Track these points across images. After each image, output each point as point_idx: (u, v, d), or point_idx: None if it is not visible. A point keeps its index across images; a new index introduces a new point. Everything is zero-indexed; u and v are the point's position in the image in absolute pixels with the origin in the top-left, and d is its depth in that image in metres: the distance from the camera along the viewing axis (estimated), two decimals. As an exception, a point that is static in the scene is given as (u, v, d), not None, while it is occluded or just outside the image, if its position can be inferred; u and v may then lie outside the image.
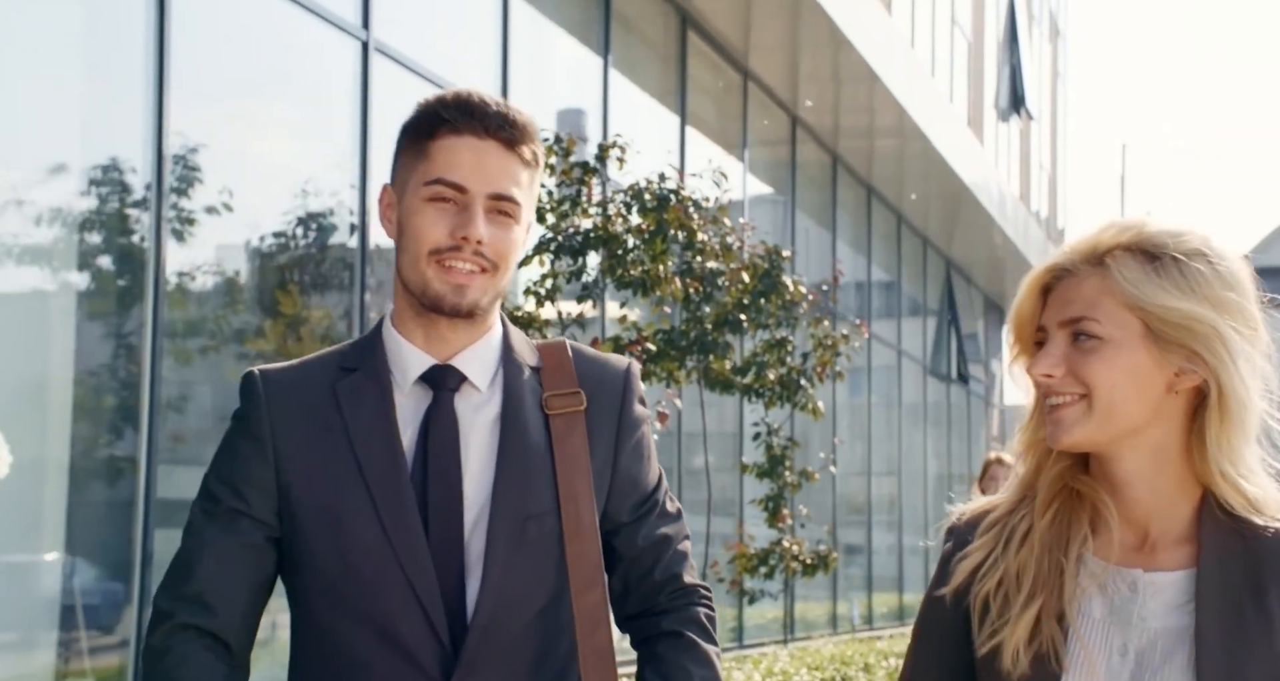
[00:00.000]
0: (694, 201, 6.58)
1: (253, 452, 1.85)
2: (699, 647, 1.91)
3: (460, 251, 1.80)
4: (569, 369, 1.91)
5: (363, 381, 1.86)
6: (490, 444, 1.85)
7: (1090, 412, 1.62)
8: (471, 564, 1.81)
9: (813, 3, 10.22)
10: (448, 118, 1.82)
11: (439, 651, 1.79)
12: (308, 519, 1.82)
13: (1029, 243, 18.89)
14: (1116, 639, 1.64)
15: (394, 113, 6.89)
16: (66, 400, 5.20)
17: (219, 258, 6.03)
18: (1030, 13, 21.24)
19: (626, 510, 1.92)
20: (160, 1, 5.40)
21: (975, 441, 19.80)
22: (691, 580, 1.97)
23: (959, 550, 1.73)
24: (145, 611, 5.31)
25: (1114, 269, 1.63)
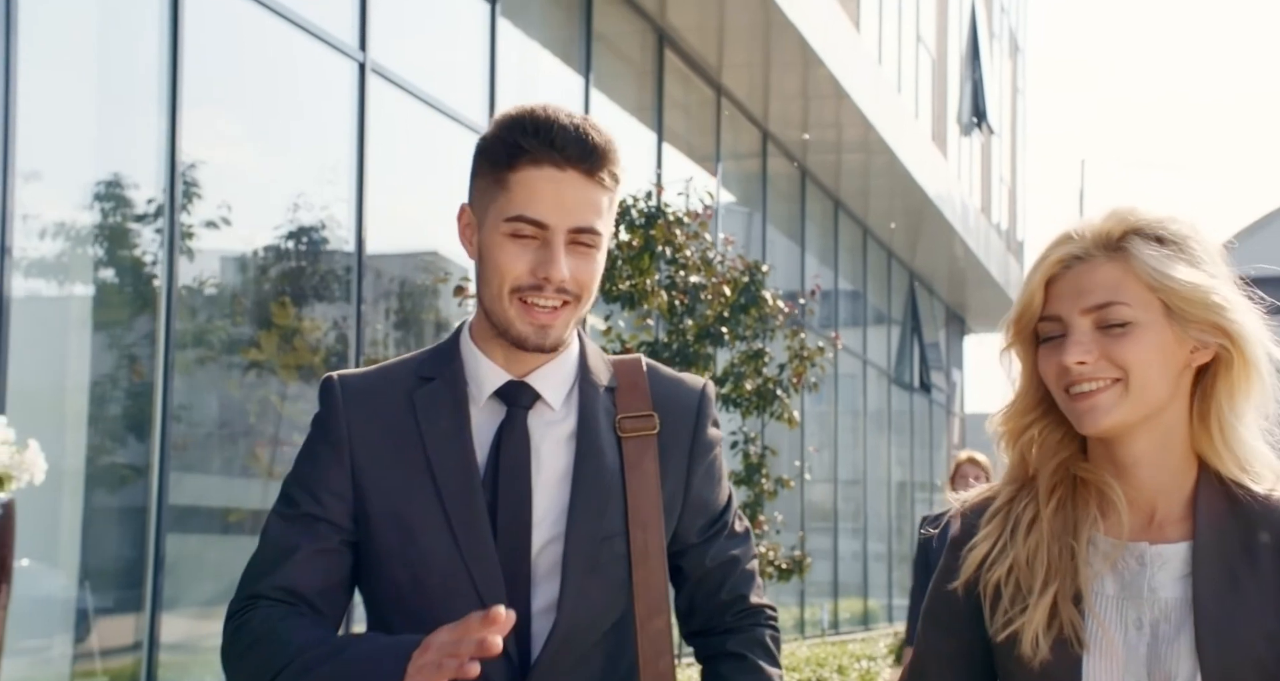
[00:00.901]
0: (679, 218, 6.82)
1: (330, 457, 1.84)
2: (762, 671, 1.91)
3: (542, 290, 1.78)
4: (644, 390, 1.90)
5: (440, 391, 1.85)
6: (564, 463, 1.84)
7: (1127, 395, 1.64)
8: (539, 580, 1.82)
9: (784, 22, 10.48)
10: (527, 148, 1.78)
11: (507, 665, 1.79)
12: (380, 524, 1.82)
13: (990, 255, 19.24)
14: (1131, 613, 1.67)
15: (389, 130, 7.13)
16: (82, 409, 5.39)
17: (224, 271, 6.23)
18: (991, 29, 21.64)
19: (696, 531, 1.92)
20: (174, 24, 5.60)
21: (937, 449, 20.13)
22: (758, 600, 1.97)
23: (966, 537, 1.76)
24: (158, 615, 5.50)
25: (1133, 252, 1.65)
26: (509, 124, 1.81)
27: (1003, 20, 23.37)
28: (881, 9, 15.63)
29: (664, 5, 10.09)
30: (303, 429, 6.23)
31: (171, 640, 5.67)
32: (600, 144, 1.80)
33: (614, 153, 1.82)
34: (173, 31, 5.60)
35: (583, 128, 1.80)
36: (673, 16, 10.29)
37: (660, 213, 6.69)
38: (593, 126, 1.82)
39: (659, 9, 10.14)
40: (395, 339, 7.40)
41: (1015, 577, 1.69)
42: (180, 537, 5.69)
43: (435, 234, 7.80)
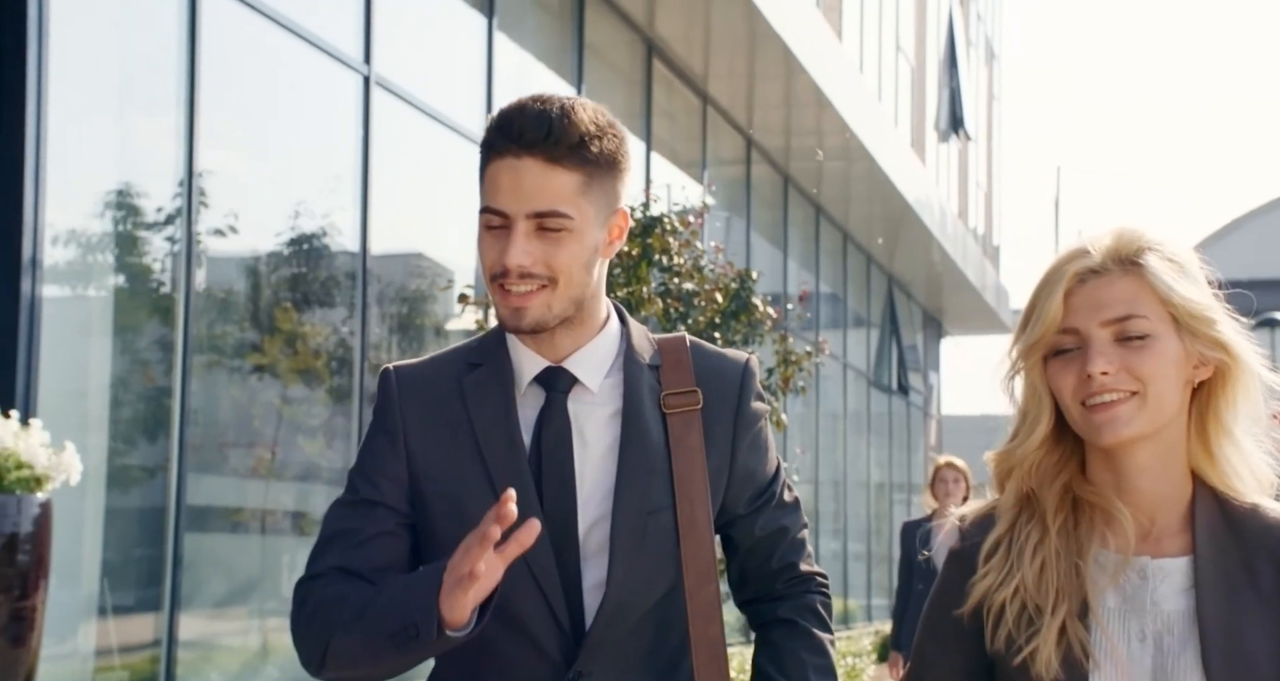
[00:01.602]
0: (673, 227, 7.04)
1: (387, 444, 1.91)
2: (813, 636, 1.97)
3: (509, 276, 1.83)
4: (687, 366, 1.93)
5: (487, 377, 1.91)
6: (610, 441, 1.89)
7: (1145, 407, 1.66)
8: (589, 555, 1.87)
9: (768, 32, 10.71)
10: (491, 141, 1.84)
11: (561, 637, 1.86)
12: (435, 506, 1.88)
13: (967, 260, 19.52)
14: (1134, 626, 1.69)
15: (392, 141, 7.31)
16: (103, 412, 5.57)
17: (235, 278, 6.43)
18: (968, 38, 21.94)
19: (744, 502, 1.96)
20: (191, 39, 5.79)
21: (915, 451, 20.39)
22: (808, 568, 2.02)
23: (966, 550, 1.77)
24: (176, 613, 5.69)
25: (1148, 267, 1.68)
26: (489, 122, 1.87)
27: (979, 28, 23.69)
28: (863, 18, 15.90)
29: (653, 16, 10.31)
30: (310, 431, 6.45)
31: (190, 637, 5.86)
32: (562, 126, 1.80)
33: (584, 133, 1.81)
34: (190, 46, 5.79)
35: (548, 113, 1.81)
36: (661, 27, 10.51)
37: (657, 222, 6.91)
38: (565, 110, 1.82)
39: (648, 20, 10.36)
40: (399, 343, 7.60)
41: (1020, 598, 1.70)
42: (197, 536, 5.88)
43: (437, 240, 8.01)
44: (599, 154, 1.83)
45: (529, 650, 1.85)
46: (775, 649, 1.95)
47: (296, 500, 6.73)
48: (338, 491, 1.98)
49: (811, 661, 1.94)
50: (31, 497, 4.33)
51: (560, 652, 1.85)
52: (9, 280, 4.89)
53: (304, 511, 6.75)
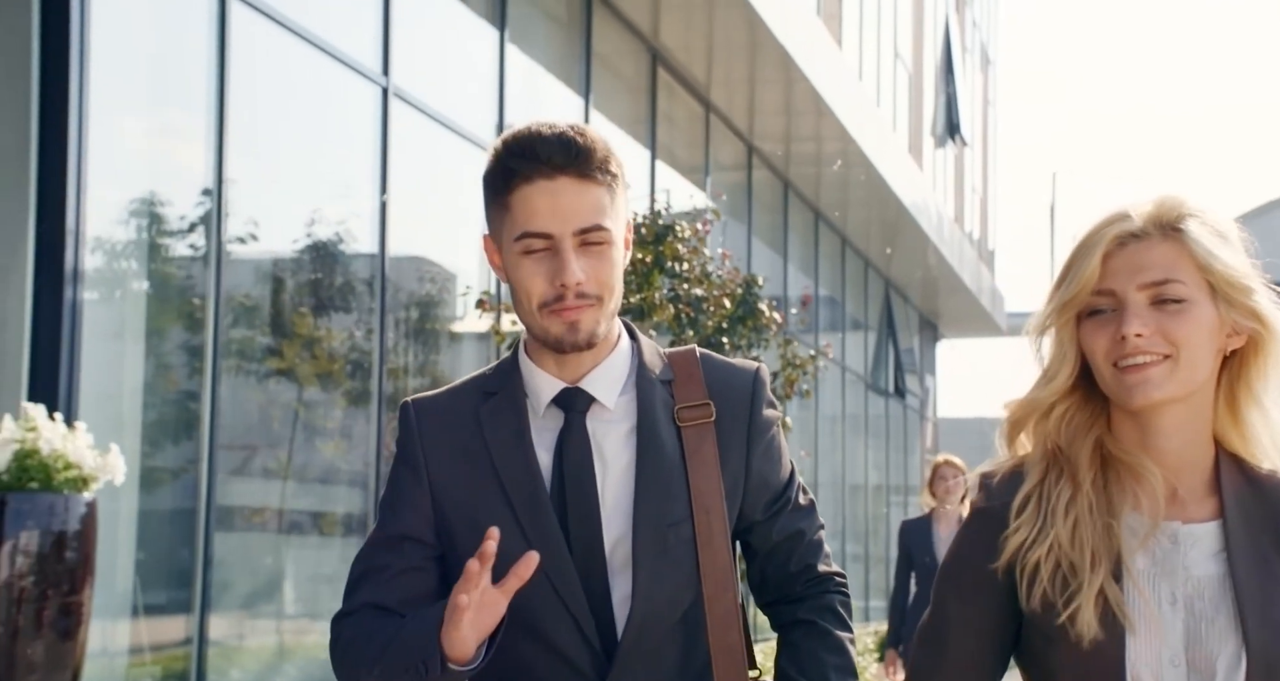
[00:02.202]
0: (684, 236, 7.24)
1: (410, 478, 1.95)
2: (832, 635, 1.99)
3: (564, 299, 1.85)
4: (699, 380, 1.96)
5: (502, 405, 1.95)
6: (627, 457, 1.92)
7: (1176, 370, 1.68)
8: (615, 571, 1.90)
9: (770, 40, 10.88)
10: (515, 168, 1.85)
11: (592, 654, 1.88)
12: (459, 536, 1.91)
13: (963, 263, 19.72)
14: (1164, 589, 1.70)
15: (409, 150, 7.50)
16: (136, 415, 5.76)
17: (260, 284, 6.61)
18: (964, 44, 22.17)
19: (760, 508, 1.99)
20: (221, 53, 5.98)
21: (911, 453, 20.58)
22: (826, 568, 2.03)
23: (993, 507, 1.78)
24: (207, 612, 5.87)
25: (1188, 233, 1.70)
26: (499, 151, 1.89)
27: (975, 35, 23.92)
28: (862, 26, 16.11)
29: (657, 25, 10.51)
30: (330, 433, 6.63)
31: (220, 635, 6.04)
32: (585, 145, 1.85)
33: (601, 151, 1.87)
34: (220, 60, 5.97)
35: (565, 134, 1.86)
36: (665, 36, 10.71)
37: (669, 231, 7.10)
38: (577, 131, 1.87)
39: (652, 29, 10.55)
40: (415, 347, 7.79)
41: (1055, 556, 1.72)
42: (226, 535, 6.06)
43: (453, 248, 8.20)
44: (616, 170, 1.89)
45: (562, 668, 1.88)
46: (796, 649, 1.98)
47: (319, 501, 6.91)
48: (358, 492, 2.12)
49: (831, 661, 1.96)
50: (79, 497, 4.50)
51: (593, 668, 1.88)
52: (54, 288, 5.06)
53: (326, 511, 6.93)
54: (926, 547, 7.25)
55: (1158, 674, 1.68)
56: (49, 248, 5.06)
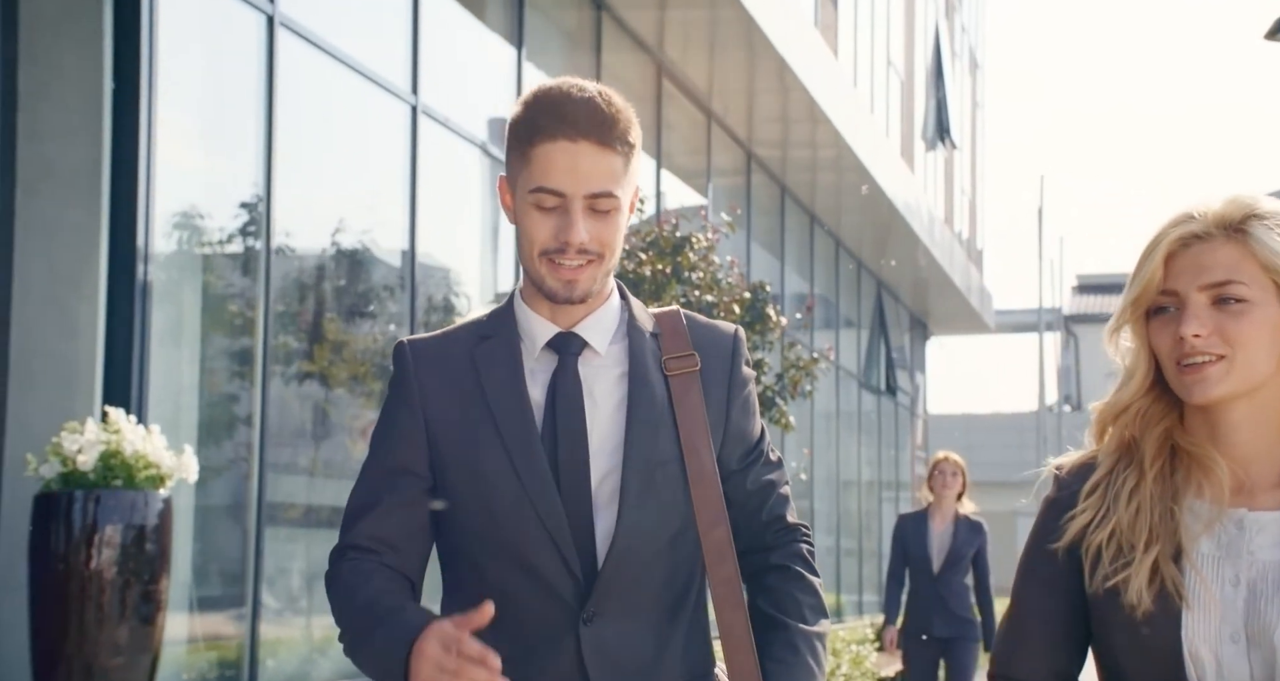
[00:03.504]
0: (698, 248, 7.65)
1: (406, 414, 2.02)
2: (805, 578, 2.09)
3: (565, 252, 1.94)
4: (684, 334, 2.06)
5: (497, 348, 2.03)
6: (618, 399, 2.01)
7: (1233, 369, 1.72)
8: (601, 505, 1.98)
9: (769, 51, 11.27)
10: (541, 123, 1.93)
11: (573, 582, 1.97)
12: (453, 470, 2.00)
13: (953, 263, 20.14)
14: (1228, 572, 1.74)
15: (439, 165, 7.92)
16: (193, 415, 6.15)
17: (305, 292, 7.01)
18: (953, 49, 22.60)
19: (736, 459, 2.08)
20: (269, 79, 6.37)
21: (902, 449, 20.98)
22: (794, 520, 2.12)
23: (1062, 498, 1.84)
24: (260, 600, 6.26)
25: (1253, 234, 1.72)
26: (529, 103, 1.97)
27: (963, 39, 24.35)
28: (856, 35, 16.54)
29: (662, 39, 10.92)
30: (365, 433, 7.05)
31: (271, 623, 6.43)
32: (611, 114, 1.94)
33: (625, 121, 1.96)
34: (268, 83, 6.37)
35: (594, 100, 1.94)
36: (669, 48, 11.12)
37: (686, 242, 7.51)
38: (605, 98, 1.96)
39: (657, 42, 10.97)
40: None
41: (1117, 539, 1.77)
42: (275, 529, 6.46)
43: (476, 254, 8.62)
44: (634, 141, 1.98)
45: (543, 594, 1.97)
46: (772, 592, 2.07)
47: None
48: None
49: (805, 600, 2.06)
50: (156, 494, 4.87)
51: (573, 596, 1.97)
52: (125, 299, 5.45)
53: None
54: (920, 540, 7.44)
55: (1216, 650, 1.72)
56: (120, 262, 5.44)
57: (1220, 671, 1.72)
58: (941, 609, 7.37)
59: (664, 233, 7.63)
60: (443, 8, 8.13)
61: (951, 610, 7.39)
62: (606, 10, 10.05)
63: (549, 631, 1.97)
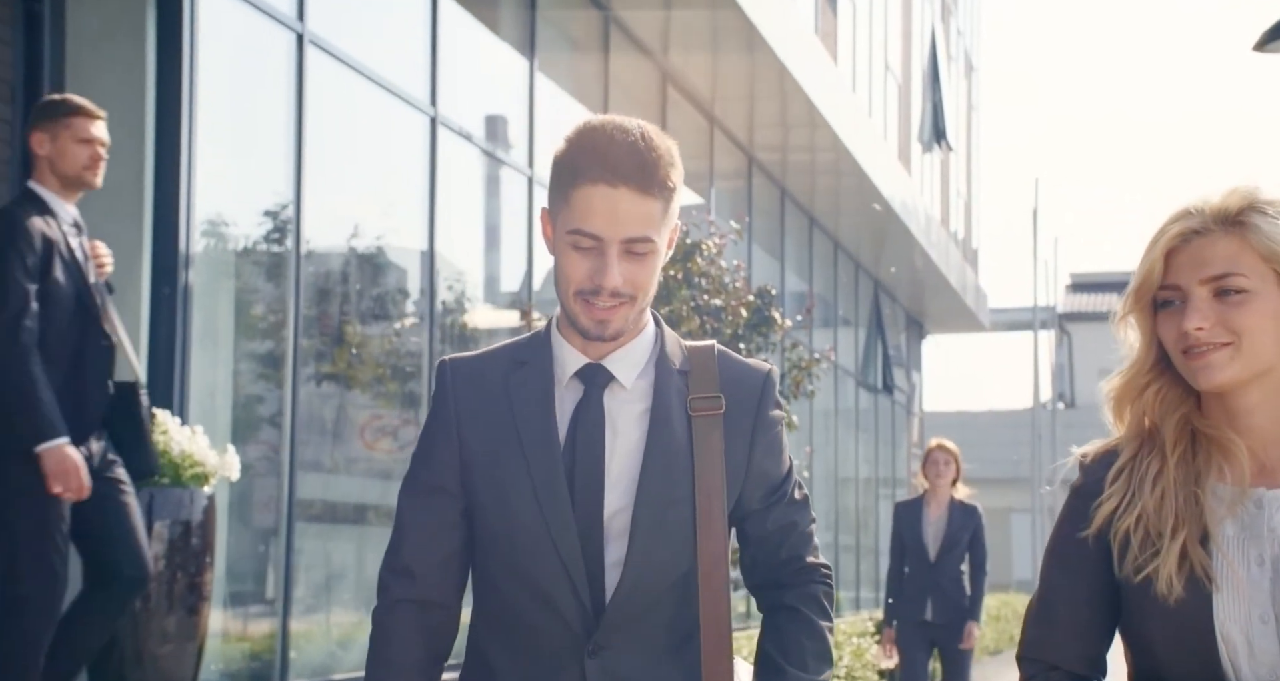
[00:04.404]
0: (708, 255, 7.93)
1: (442, 434, 2.07)
2: (813, 624, 2.08)
3: (599, 294, 1.97)
4: (713, 374, 2.07)
5: (530, 375, 2.06)
6: (639, 435, 2.03)
7: (1237, 357, 1.75)
8: (612, 538, 2.01)
9: (771, 58, 11.52)
10: (582, 167, 1.95)
11: (581, 612, 2.00)
12: (482, 493, 2.04)
13: (949, 264, 20.42)
14: (1252, 551, 1.77)
15: (455, 172, 8.22)
16: (226, 415, 6.42)
17: (330, 296, 7.29)
18: (949, 53, 22.89)
19: (758, 499, 2.09)
20: (299, 91, 6.65)
21: (899, 447, 21.24)
22: (813, 560, 2.12)
23: (1088, 484, 1.88)
24: (292, 592, 6.54)
25: (1250, 226, 1.76)
26: (572, 142, 2.00)
27: (959, 43, 24.64)
28: (855, 41, 16.83)
29: (667, 48, 11.21)
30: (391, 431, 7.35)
31: (301, 616, 6.71)
32: (652, 160, 1.95)
33: (666, 165, 1.97)
34: (298, 96, 6.65)
35: (636, 144, 1.95)
36: (673, 57, 11.40)
37: (696, 248, 7.79)
38: (648, 143, 1.97)
39: (662, 51, 11.25)
40: (458, 349, 8.48)
41: (1144, 525, 1.79)
42: (304, 527, 6.74)
43: (493, 259, 8.91)
44: (674, 183, 2.00)
45: (553, 621, 2.01)
46: (780, 633, 2.07)
47: (382, 495, 7.60)
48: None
49: (809, 647, 2.05)
50: (201, 491, 5.13)
51: (581, 625, 2.01)
52: (168, 304, 5.72)
53: (388, 505, 7.64)
54: (915, 528, 7.42)
55: (1247, 631, 1.75)
56: (163, 268, 5.71)
57: (1252, 652, 1.74)
58: (938, 595, 7.32)
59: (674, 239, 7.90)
60: (460, 23, 8.41)
61: (948, 596, 7.33)
62: (614, 20, 10.34)
63: (558, 657, 2.01)
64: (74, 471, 4.13)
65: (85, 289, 4.31)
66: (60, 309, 4.21)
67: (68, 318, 4.24)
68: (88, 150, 4.38)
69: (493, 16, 9.08)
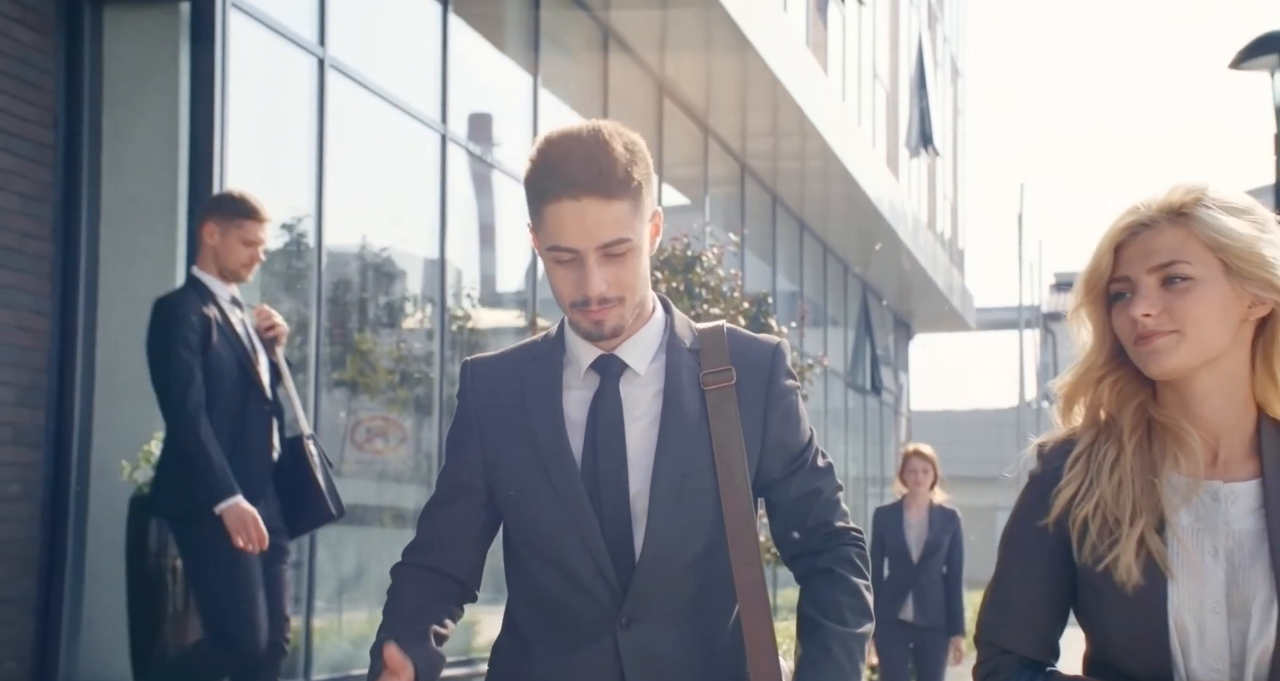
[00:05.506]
0: (709, 267, 8.26)
1: (464, 431, 2.16)
2: (848, 580, 2.11)
3: (589, 303, 2.02)
4: (724, 349, 2.11)
5: (543, 371, 2.13)
6: (653, 416, 2.09)
7: (1183, 342, 1.78)
8: (638, 516, 2.06)
9: (764, 71, 11.82)
10: (544, 186, 1.99)
11: (609, 588, 2.06)
12: (502, 485, 2.12)
13: (936, 266, 20.76)
14: (1207, 543, 1.80)
15: (465, 187, 8.56)
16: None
17: (350, 307, 7.61)
18: (935, 59, 23.23)
19: (779, 468, 2.12)
20: (320, 112, 6.97)
21: (887, 446, 21.56)
22: (842, 524, 2.15)
23: (1047, 472, 1.90)
24: (315, 591, 6.84)
25: (1195, 217, 1.79)
26: (534, 161, 2.03)
27: (945, 49, 24.98)
28: (845, 51, 17.17)
29: (663, 60, 11.53)
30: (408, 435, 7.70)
31: (324, 612, 7.02)
32: (608, 165, 1.97)
33: (624, 165, 1.98)
34: (319, 116, 6.97)
35: (592, 153, 1.98)
36: (669, 70, 11.73)
37: (697, 260, 8.13)
38: (603, 147, 1.99)
39: (659, 64, 11.58)
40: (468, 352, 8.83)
41: (1102, 512, 1.81)
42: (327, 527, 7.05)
43: (499, 268, 9.23)
44: (639, 178, 2.01)
45: (583, 598, 2.07)
46: (815, 595, 2.10)
47: (396, 496, 7.93)
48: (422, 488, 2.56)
49: (845, 601, 2.08)
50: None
51: (610, 601, 2.06)
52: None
53: (401, 505, 7.96)
54: (897, 532, 7.50)
55: (1199, 619, 1.78)
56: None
57: (1202, 641, 1.77)
58: (919, 596, 7.38)
59: (676, 251, 8.24)
60: (468, 46, 8.75)
61: (929, 598, 7.40)
62: (612, 35, 10.67)
63: (590, 631, 2.07)
64: (253, 524, 4.42)
65: (246, 359, 4.63)
66: (223, 379, 4.54)
67: (230, 386, 4.56)
68: (249, 251, 4.73)
69: (499, 36, 9.42)
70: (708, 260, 8.15)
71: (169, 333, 4.51)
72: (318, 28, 6.98)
